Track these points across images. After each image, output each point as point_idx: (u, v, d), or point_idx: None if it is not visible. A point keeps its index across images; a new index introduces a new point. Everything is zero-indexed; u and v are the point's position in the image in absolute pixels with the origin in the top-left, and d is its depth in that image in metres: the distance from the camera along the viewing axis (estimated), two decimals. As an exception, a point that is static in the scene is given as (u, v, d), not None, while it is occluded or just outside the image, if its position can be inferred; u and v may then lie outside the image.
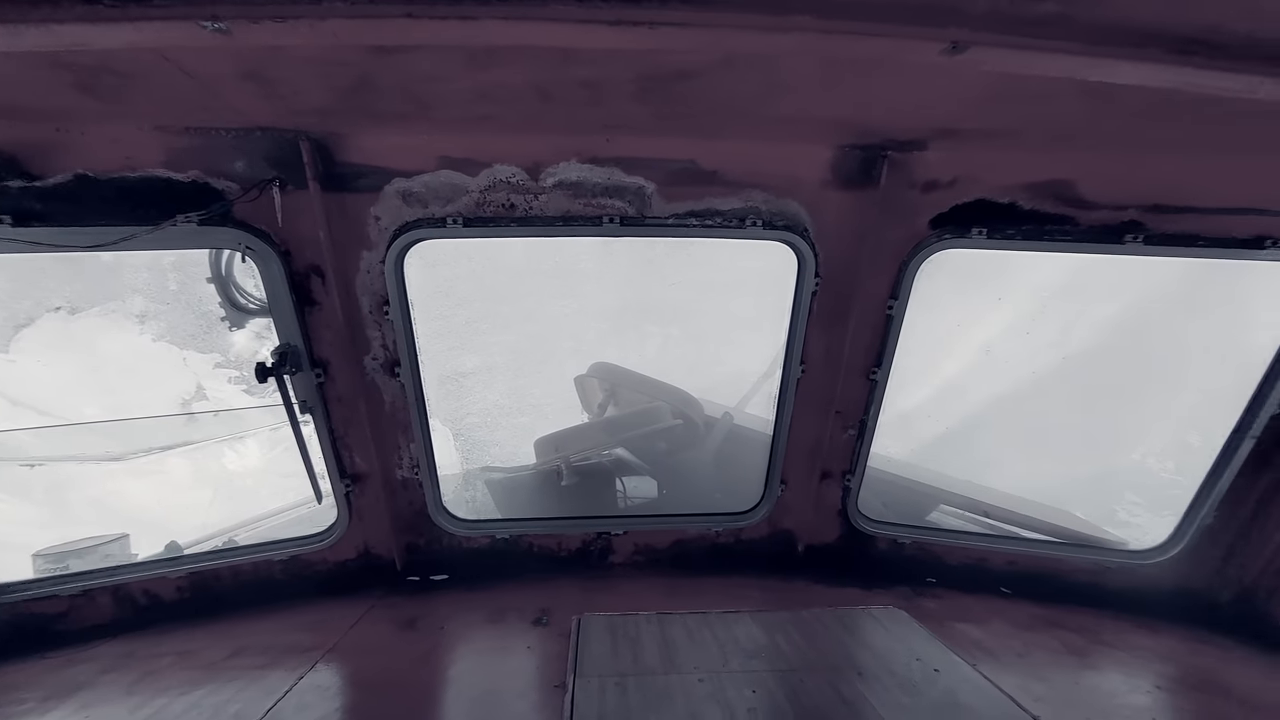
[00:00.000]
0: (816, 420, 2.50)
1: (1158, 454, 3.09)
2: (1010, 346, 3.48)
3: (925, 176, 2.08)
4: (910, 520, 3.48)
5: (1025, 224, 2.10)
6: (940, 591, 2.64)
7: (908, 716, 1.51)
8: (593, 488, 3.36)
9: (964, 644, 2.11)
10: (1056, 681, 1.92)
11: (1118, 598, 2.66)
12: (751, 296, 3.88)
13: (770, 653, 1.83)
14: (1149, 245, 2.08)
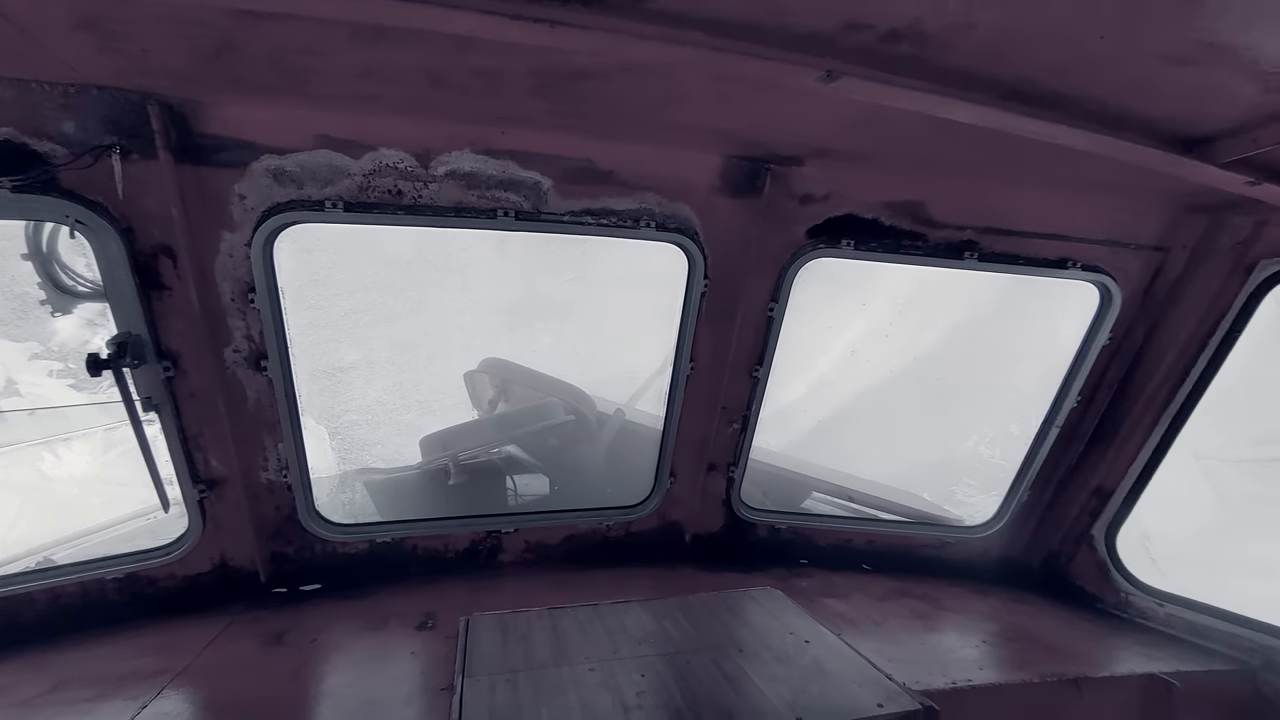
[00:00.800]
0: (704, 416, 2.63)
1: (988, 442, 3.59)
2: (872, 348, 3.87)
3: (803, 190, 2.26)
4: (787, 507, 3.76)
5: (885, 238, 2.34)
6: (812, 571, 2.88)
7: (782, 685, 1.65)
8: (482, 486, 3.28)
9: (830, 616, 2.33)
10: (906, 643, 2.18)
11: (956, 567, 3.05)
12: (644, 295, 3.98)
13: (659, 638, 1.90)
14: (982, 262, 2.40)
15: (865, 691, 1.63)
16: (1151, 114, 1.74)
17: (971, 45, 1.44)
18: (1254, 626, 2.27)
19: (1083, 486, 2.80)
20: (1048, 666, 2.03)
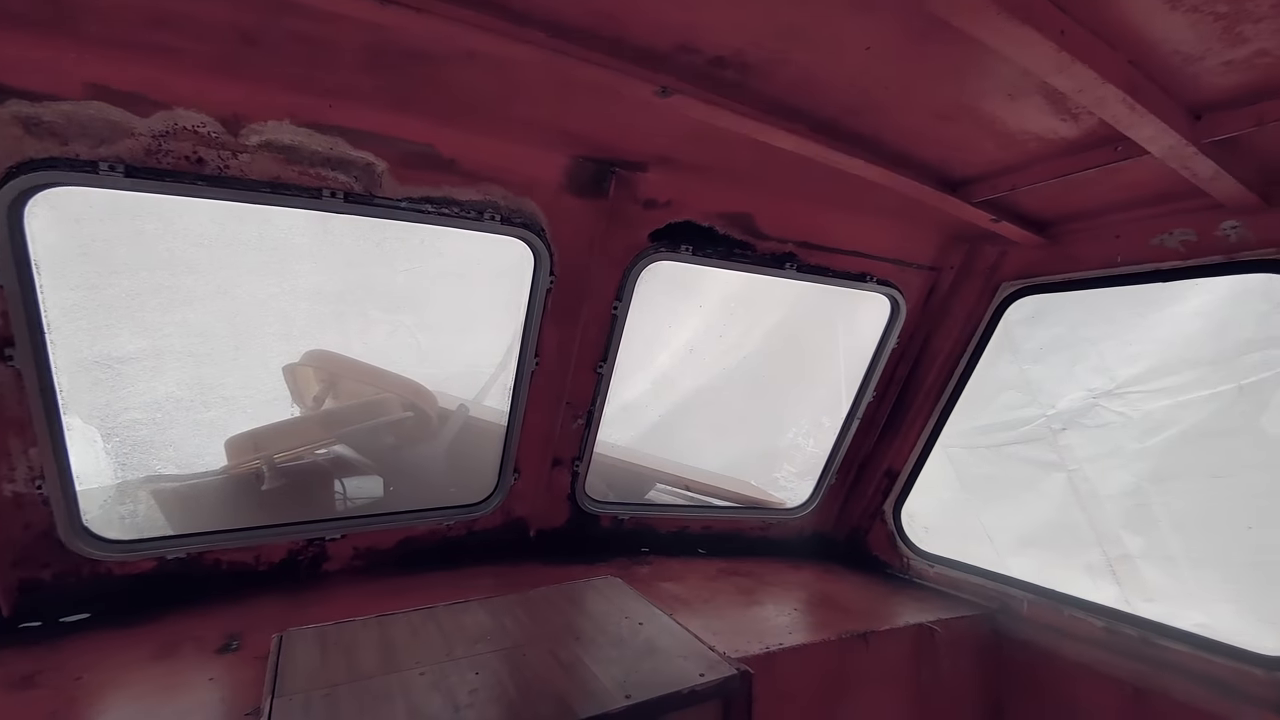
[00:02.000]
0: (549, 411, 2.64)
1: (804, 433, 4.09)
2: (708, 346, 4.19)
3: (647, 195, 2.36)
4: (631, 499, 3.90)
5: (719, 245, 2.53)
6: (653, 558, 3.03)
7: (615, 666, 1.72)
8: (304, 490, 2.98)
9: (666, 599, 2.48)
10: (731, 616, 2.38)
11: (778, 546, 3.39)
12: (490, 289, 3.89)
13: (497, 634, 1.89)
14: (800, 272, 2.70)
15: (690, 664, 1.76)
16: (926, 157, 2.08)
17: (787, 80, 1.63)
18: (993, 578, 2.82)
19: (877, 469, 3.26)
20: (844, 626, 2.35)
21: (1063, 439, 3.08)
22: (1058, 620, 2.56)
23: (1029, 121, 1.78)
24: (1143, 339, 2.76)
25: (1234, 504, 2.58)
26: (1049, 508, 3.24)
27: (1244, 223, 2.08)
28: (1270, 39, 1.34)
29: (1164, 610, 2.89)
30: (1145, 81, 1.49)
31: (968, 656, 2.65)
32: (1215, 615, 2.73)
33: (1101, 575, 3.13)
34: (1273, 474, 2.43)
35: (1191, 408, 2.64)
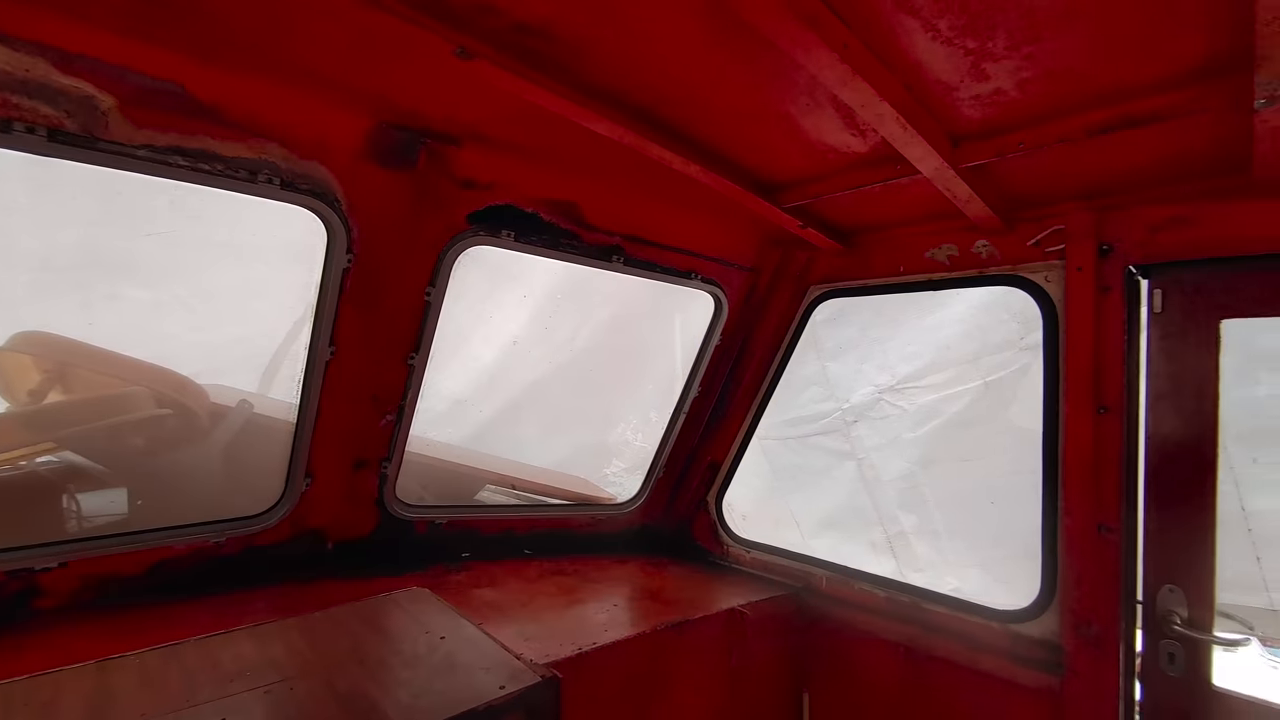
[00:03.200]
0: (350, 406, 2.35)
1: (634, 428, 4.17)
2: (535, 339, 4.09)
3: (464, 174, 2.18)
4: (458, 501, 3.66)
5: (544, 234, 2.43)
6: (473, 563, 2.84)
7: (403, 690, 1.55)
8: (11, 510, 2.34)
9: (479, 607, 2.32)
10: (547, 620, 2.29)
11: (608, 542, 3.38)
12: (280, 267, 3.41)
13: (261, 669, 1.61)
14: (627, 266, 2.69)
15: (491, 676, 1.63)
16: (741, 159, 2.15)
17: (600, 61, 1.56)
18: (798, 559, 3.05)
19: (702, 462, 3.38)
20: (660, 618, 2.37)
21: (854, 430, 3.43)
22: (849, 594, 2.83)
23: (826, 134, 1.91)
24: (918, 340, 3.15)
25: (981, 484, 3.04)
26: (843, 492, 3.59)
27: (992, 242, 2.44)
28: (1006, 79, 1.54)
29: (930, 578, 3.33)
30: (916, 105, 1.65)
31: (775, 633, 2.83)
32: (967, 579, 3.20)
33: (883, 551, 3.55)
34: (1011, 457, 2.84)
35: (951, 401, 3.07)
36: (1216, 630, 2.05)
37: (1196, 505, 2.06)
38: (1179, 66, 1.42)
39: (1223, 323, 2.03)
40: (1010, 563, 2.38)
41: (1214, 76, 1.42)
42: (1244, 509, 2.25)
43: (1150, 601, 2.13)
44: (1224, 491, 2.12)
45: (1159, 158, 1.86)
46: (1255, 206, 1.89)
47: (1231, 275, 2.00)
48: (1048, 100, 1.61)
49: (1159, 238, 2.06)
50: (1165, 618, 2.09)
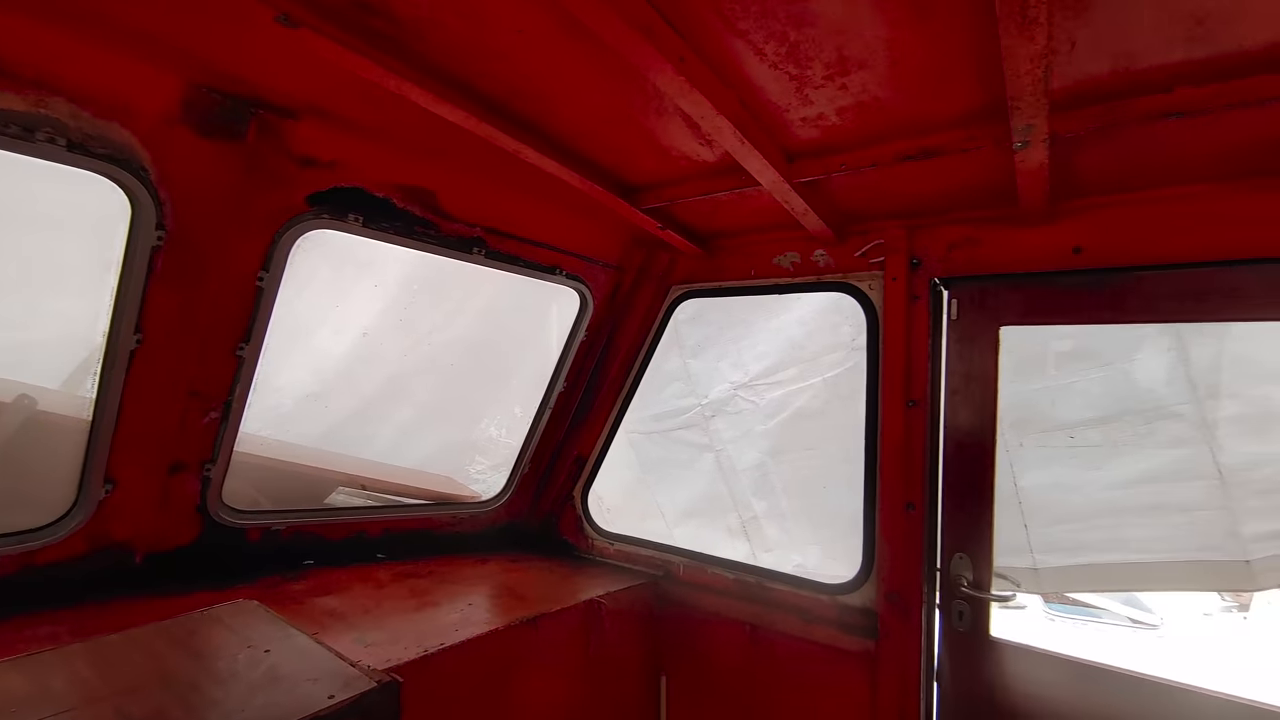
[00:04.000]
0: (163, 402, 2.10)
1: (498, 424, 4.10)
2: (393, 331, 3.89)
3: (303, 150, 2.03)
4: (304, 505, 3.39)
5: (398, 220, 2.32)
6: (316, 571, 2.65)
7: (214, 712, 1.41)
8: None
9: (317, 616, 2.17)
10: (394, 624, 2.20)
11: (472, 541, 3.29)
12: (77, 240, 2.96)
13: (32, 704, 1.39)
14: (490, 259, 2.64)
15: (319, 687, 1.54)
16: (600, 159, 2.20)
17: (443, 44, 1.52)
18: (658, 548, 3.17)
19: (568, 456, 3.40)
20: (516, 613, 2.37)
21: (712, 424, 3.64)
22: (703, 578, 2.99)
23: (676, 140, 2.00)
24: (768, 340, 3.41)
25: (820, 470, 3.35)
26: (703, 482, 3.80)
27: (827, 252, 2.69)
28: (826, 105, 1.71)
29: (777, 557, 3.62)
30: (751, 121, 1.78)
31: (634, 621, 2.93)
32: (808, 556, 3.52)
33: (738, 535, 3.79)
34: (845, 445, 3.14)
35: (796, 396, 3.36)
36: (994, 589, 2.43)
37: (980, 484, 2.42)
38: (960, 108, 1.66)
39: (1002, 329, 2.40)
40: (843, 539, 2.65)
41: (985, 120, 1.68)
42: (1016, 485, 2.68)
43: (945, 568, 2.47)
44: (1001, 471, 2.51)
45: (953, 186, 2.16)
46: (1022, 233, 2.26)
47: (1007, 290, 2.37)
48: (862, 128, 1.81)
49: (954, 255, 2.39)
50: (956, 581, 2.43)
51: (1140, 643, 7.28)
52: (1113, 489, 2.53)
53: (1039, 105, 1.44)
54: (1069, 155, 1.84)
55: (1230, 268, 1.98)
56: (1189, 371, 2.38)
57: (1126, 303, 2.17)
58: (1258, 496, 2.29)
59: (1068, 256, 2.19)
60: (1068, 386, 2.59)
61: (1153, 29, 1.30)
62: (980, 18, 1.27)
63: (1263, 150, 1.74)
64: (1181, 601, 8.32)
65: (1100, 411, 2.58)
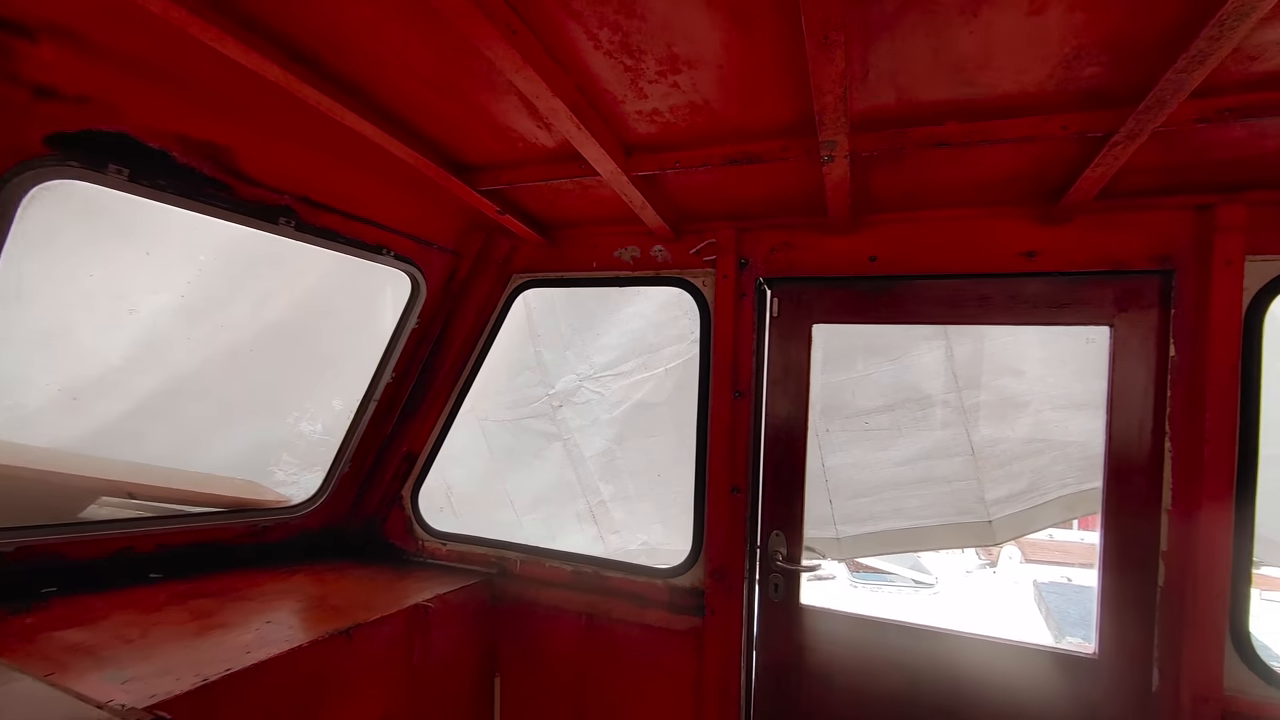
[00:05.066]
0: None
1: (309, 418, 3.68)
2: (167, 310, 3.28)
3: (40, 78, 1.63)
4: (48, 520, 2.76)
5: (179, 178, 1.97)
6: (61, 599, 2.17)
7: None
8: None
9: (56, 653, 1.77)
10: (166, 653, 1.86)
11: (277, 552, 2.92)
12: None
13: None
14: (301, 232, 2.35)
15: (49, 741, 1.25)
16: (430, 131, 2.05)
17: (237, -26, 1.31)
18: (495, 545, 3.07)
19: (396, 453, 3.16)
20: (326, 627, 2.14)
21: (560, 414, 3.61)
22: (541, 572, 2.95)
23: (513, 120, 1.93)
24: (613, 331, 3.46)
25: (662, 455, 3.47)
26: (552, 471, 3.77)
27: (666, 248, 2.78)
28: (660, 101, 1.75)
29: (625, 537, 3.70)
30: (589, 108, 1.77)
31: (466, 624, 2.80)
32: (652, 535, 3.63)
33: (586, 520, 3.81)
34: (682, 433, 3.28)
35: (639, 387, 3.45)
36: (804, 561, 2.70)
37: (794, 466, 2.66)
38: (777, 119, 1.80)
39: (814, 327, 2.67)
40: (684, 517, 2.77)
41: (798, 133, 1.83)
42: (824, 466, 3.01)
43: (764, 545, 2.68)
44: (812, 454, 2.79)
45: (775, 192, 2.34)
46: (830, 240, 2.53)
47: (818, 291, 2.64)
48: (694, 128, 1.89)
49: (775, 257, 2.60)
50: (772, 556, 2.66)
51: (921, 599, 8.62)
52: (896, 466, 2.96)
53: (841, 123, 1.60)
54: (867, 173, 2.09)
55: (980, 280, 2.39)
56: (953, 366, 2.85)
57: (908, 306, 2.53)
58: (997, 468, 2.83)
59: (865, 264, 2.49)
60: (865, 378, 2.96)
61: (925, 68, 1.50)
62: (793, 34, 1.38)
63: (1004, 182, 2.11)
64: (950, 563, 9.99)
65: (889, 400, 2.98)
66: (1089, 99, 1.57)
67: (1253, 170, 1.89)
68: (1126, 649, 2.21)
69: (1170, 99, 1.41)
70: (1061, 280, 2.29)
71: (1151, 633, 2.17)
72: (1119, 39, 1.35)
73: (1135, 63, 1.41)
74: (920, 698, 2.46)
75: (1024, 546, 10.27)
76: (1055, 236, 2.25)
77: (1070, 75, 1.49)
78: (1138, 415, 2.21)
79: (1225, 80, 1.46)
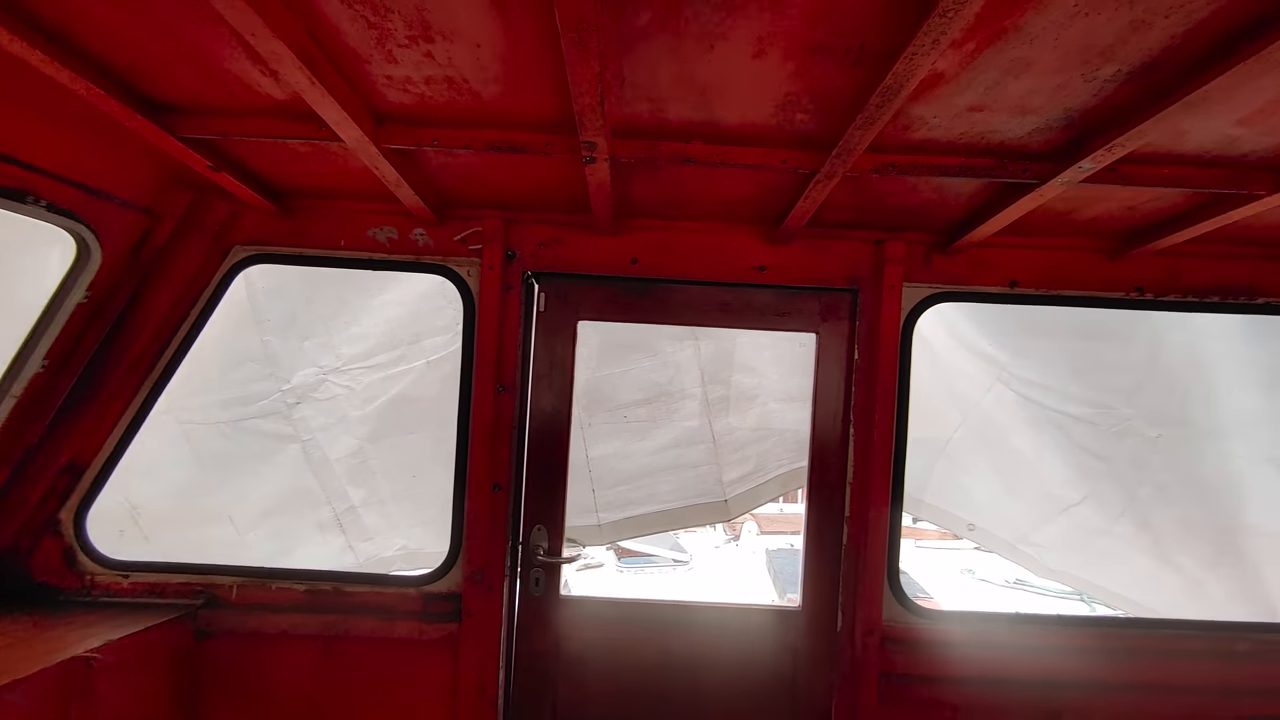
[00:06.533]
0: None
1: None
2: None
3: None
4: None
5: None
6: None
7: None
8: None
9: None
10: None
11: None
12: None
13: None
14: None
15: None
16: (108, 57, 1.59)
17: None
18: (201, 570, 2.54)
19: (50, 466, 2.42)
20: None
21: (297, 412, 3.14)
22: (265, 596, 2.53)
23: (227, 60, 1.59)
24: (366, 320, 3.12)
25: (419, 453, 3.24)
26: (286, 477, 3.26)
27: (428, 231, 2.59)
28: (414, 70, 1.60)
29: (379, 544, 3.36)
30: (326, 62, 1.54)
31: (154, 671, 2.28)
32: (411, 538, 3.37)
33: (331, 529, 3.38)
34: (446, 429, 3.09)
35: (397, 380, 3.17)
36: (565, 553, 2.75)
37: (557, 460, 2.70)
38: (541, 113, 1.77)
39: (580, 323, 2.72)
40: (447, 516, 2.60)
41: (562, 129, 1.84)
42: (588, 456, 3.11)
43: (526, 540, 2.67)
44: (577, 445, 2.86)
45: (543, 186, 2.33)
46: (596, 240, 2.61)
47: (584, 289, 2.70)
48: (454, 107, 1.77)
49: (543, 251, 2.59)
50: (534, 551, 2.66)
51: (679, 576, 9.49)
52: (651, 454, 3.19)
53: (600, 126, 1.64)
54: (628, 179, 2.19)
55: (724, 288, 2.68)
56: (700, 363, 3.17)
57: (665, 308, 2.73)
58: (732, 453, 3.23)
59: (628, 266, 2.62)
60: (626, 373, 3.13)
61: (673, 88, 1.61)
62: (552, 29, 1.36)
63: (742, 202, 2.39)
64: (703, 540, 11.23)
65: (647, 394, 3.20)
66: (801, 140, 1.85)
67: (909, 216, 2.42)
68: (820, 599, 2.69)
69: (854, 149, 1.73)
70: (784, 292, 2.69)
71: (837, 584, 2.67)
72: (821, 92, 1.60)
73: (833, 115, 1.70)
74: (670, 667, 2.68)
75: (760, 520, 12.00)
76: (780, 254, 2.62)
77: (787, 117, 1.73)
78: (833, 407, 2.69)
79: (890, 142, 1.84)
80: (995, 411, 3.29)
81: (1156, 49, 1.34)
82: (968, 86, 1.53)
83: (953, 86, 1.54)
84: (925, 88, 1.54)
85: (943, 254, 2.59)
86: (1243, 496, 3.07)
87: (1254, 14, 1.21)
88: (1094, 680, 2.56)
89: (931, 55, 1.27)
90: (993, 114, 1.66)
